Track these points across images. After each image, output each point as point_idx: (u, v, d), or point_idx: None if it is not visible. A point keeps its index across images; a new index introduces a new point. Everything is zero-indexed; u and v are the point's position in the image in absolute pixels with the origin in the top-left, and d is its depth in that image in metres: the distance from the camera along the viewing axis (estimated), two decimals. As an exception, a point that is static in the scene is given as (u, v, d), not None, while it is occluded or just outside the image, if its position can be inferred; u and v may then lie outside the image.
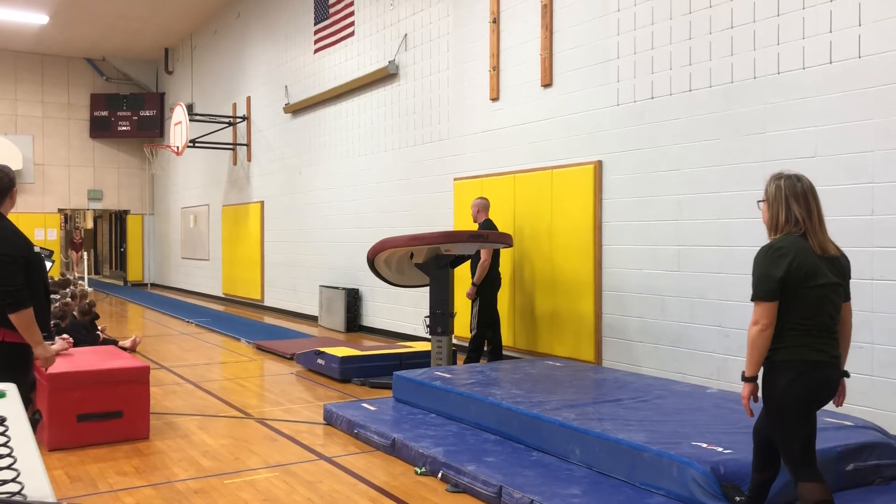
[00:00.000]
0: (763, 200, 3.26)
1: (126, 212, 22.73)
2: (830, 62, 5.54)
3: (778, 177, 3.23)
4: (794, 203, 3.14)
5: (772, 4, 5.91)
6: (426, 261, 7.46)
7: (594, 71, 7.48)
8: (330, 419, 5.98)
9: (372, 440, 5.34)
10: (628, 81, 7.12)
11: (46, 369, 4.37)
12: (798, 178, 3.19)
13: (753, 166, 5.92)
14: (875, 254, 5.23)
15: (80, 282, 14.04)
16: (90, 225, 29.98)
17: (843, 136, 5.46)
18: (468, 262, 7.90)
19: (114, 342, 9.19)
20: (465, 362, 7.84)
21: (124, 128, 21.59)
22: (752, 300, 3.14)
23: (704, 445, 4.06)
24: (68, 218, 26.67)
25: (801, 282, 3.06)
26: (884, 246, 5.07)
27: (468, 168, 9.25)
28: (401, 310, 10.71)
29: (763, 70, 5.99)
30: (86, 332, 8.79)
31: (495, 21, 8.75)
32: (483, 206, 8.07)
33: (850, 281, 3.28)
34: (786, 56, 5.82)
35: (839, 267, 3.18)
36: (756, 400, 3.22)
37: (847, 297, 3.24)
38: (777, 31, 5.88)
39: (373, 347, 8.78)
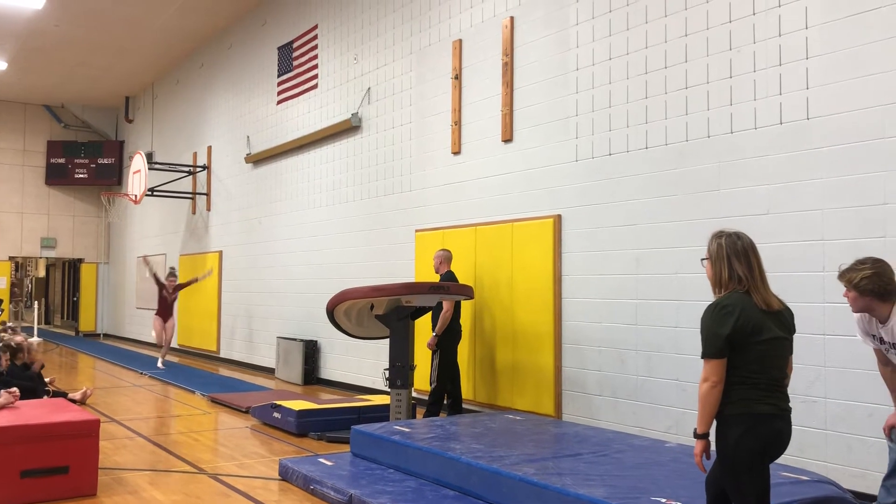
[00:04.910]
0: (706, 258, 3.35)
1: (80, 260, 22.30)
2: (781, 123, 5.74)
3: (719, 235, 3.32)
4: (735, 261, 3.23)
5: (724, 66, 6.12)
6: (386, 312, 7.43)
7: (553, 127, 7.63)
8: (285, 474, 5.84)
9: (328, 496, 5.22)
10: (587, 138, 7.28)
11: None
12: (738, 236, 3.29)
13: (708, 222, 6.04)
14: (826, 309, 5.35)
15: (9, 329, 13.43)
16: (42, 273, 29.32)
17: (793, 195, 5.62)
18: (429, 314, 7.88)
19: (63, 395, 8.92)
20: (424, 416, 7.76)
21: (81, 175, 21.33)
22: (701, 357, 3.19)
23: (664, 500, 4.05)
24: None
25: (748, 337, 3.12)
26: (835, 302, 5.19)
27: (430, 220, 9.30)
28: (360, 362, 10.60)
29: (717, 129, 6.17)
30: (33, 385, 8.52)
31: (457, 77, 8.91)
32: (445, 257, 8.09)
33: (803, 336, 3.35)
34: (738, 116, 6.02)
35: (784, 321, 3.26)
36: (709, 457, 3.25)
37: (791, 351, 3.31)
38: (730, 92, 6.08)
39: (331, 401, 8.64)
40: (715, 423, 3.21)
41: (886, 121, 5.13)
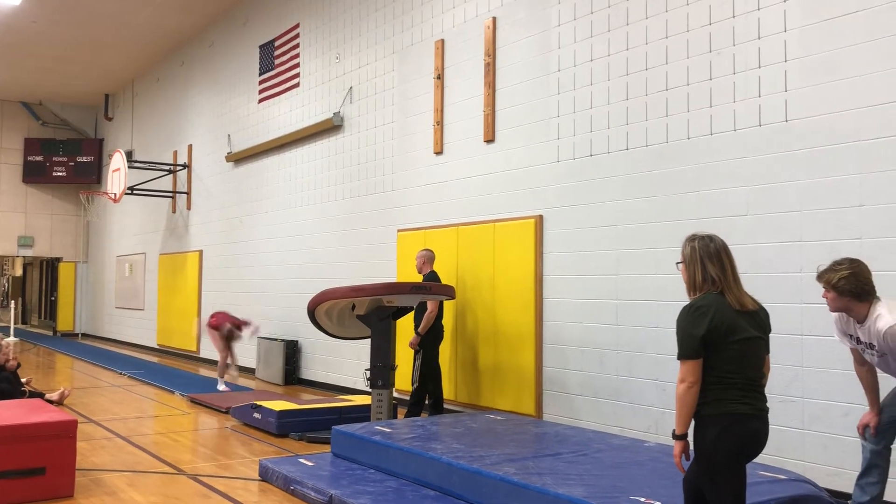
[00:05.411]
0: (681, 262, 3.39)
1: (58, 259, 22.07)
2: (760, 125, 5.79)
3: (692, 238, 3.38)
4: (708, 263, 3.29)
5: (704, 68, 6.17)
6: (368, 312, 7.41)
7: (535, 128, 7.66)
8: (266, 475, 5.81)
9: (309, 497, 5.21)
10: (568, 139, 7.30)
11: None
12: (711, 239, 3.34)
13: (688, 223, 6.09)
14: (804, 310, 5.40)
15: None
16: (19, 272, 29.00)
17: (772, 196, 5.67)
18: (411, 314, 7.87)
19: (40, 395, 8.83)
20: (405, 416, 7.75)
21: (60, 173, 21.11)
22: (677, 359, 3.23)
23: (643, 500, 4.07)
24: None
25: (723, 337, 3.16)
26: (812, 302, 5.24)
27: (412, 220, 9.29)
28: (341, 362, 10.57)
29: (696, 131, 6.21)
30: (9, 385, 8.43)
31: (439, 77, 8.91)
32: (428, 257, 8.10)
33: (781, 336, 3.39)
34: (718, 118, 6.06)
35: (759, 321, 3.30)
36: (688, 457, 3.28)
37: (767, 350, 3.35)
38: (709, 94, 6.13)
39: (311, 401, 8.61)
40: (693, 422, 3.23)
41: (862, 124, 5.19)
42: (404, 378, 8.30)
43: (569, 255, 7.26)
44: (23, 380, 9.32)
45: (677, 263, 3.46)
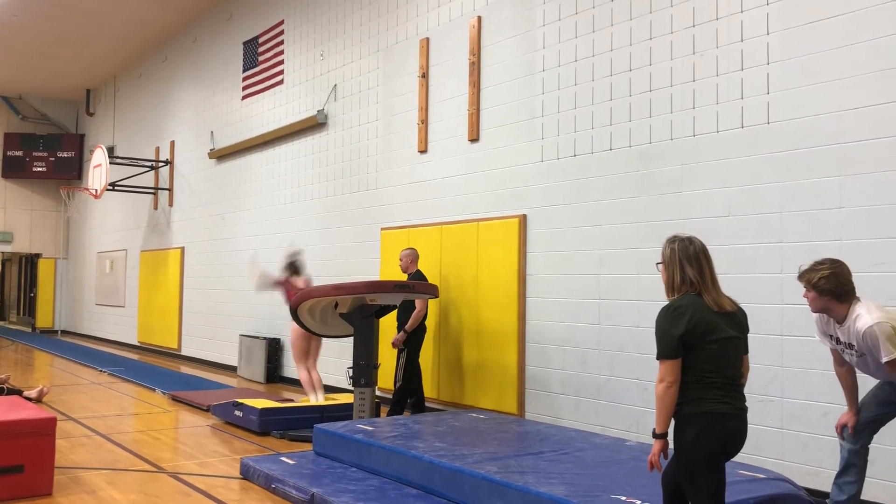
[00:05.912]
0: (661, 263, 3.43)
1: (38, 255, 21.85)
2: (742, 126, 5.83)
3: (672, 240, 3.43)
4: (687, 265, 3.34)
5: (688, 70, 6.21)
6: (351, 311, 7.40)
7: (519, 128, 7.67)
8: (247, 473, 5.79)
9: (290, 495, 5.19)
10: (552, 139, 7.32)
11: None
12: (690, 241, 3.39)
13: (670, 224, 6.12)
14: (784, 310, 5.45)
15: None
16: (-2, 268, 28.68)
17: (754, 197, 5.72)
18: (394, 313, 7.87)
19: (18, 392, 8.74)
20: (388, 415, 7.75)
21: (40, 169, 20.88)
22: (657, 359, 3.26)
23: (623, 498, 4.09)
24: None
25: (701, 337, 3.20)
26: (792, 303, 5.29)
27: (395, 218, 9.28)
28: (323, 361, 10.53)
29: (679, 132, 6.25)
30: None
31: (424, 76, 8.91)
32: (414, 256, 8.09)
33: (761, 336, 3.43)
34: (701, 119, 6.10)
35: (737, 321, 3.35)
36: (667, 457, 3.31)
37: (746, 350, 3.38)
38: (693, 95, 6.16)
39: (293, 399, 8.58)
40: (673, 421, 3.26)
41: (842, 126, 5.24)
42: (387, 376, 8.29)
43: (552, 255, 7.28)
44: (1, 377, 9.23)
45: (657, 264, 3.50)
